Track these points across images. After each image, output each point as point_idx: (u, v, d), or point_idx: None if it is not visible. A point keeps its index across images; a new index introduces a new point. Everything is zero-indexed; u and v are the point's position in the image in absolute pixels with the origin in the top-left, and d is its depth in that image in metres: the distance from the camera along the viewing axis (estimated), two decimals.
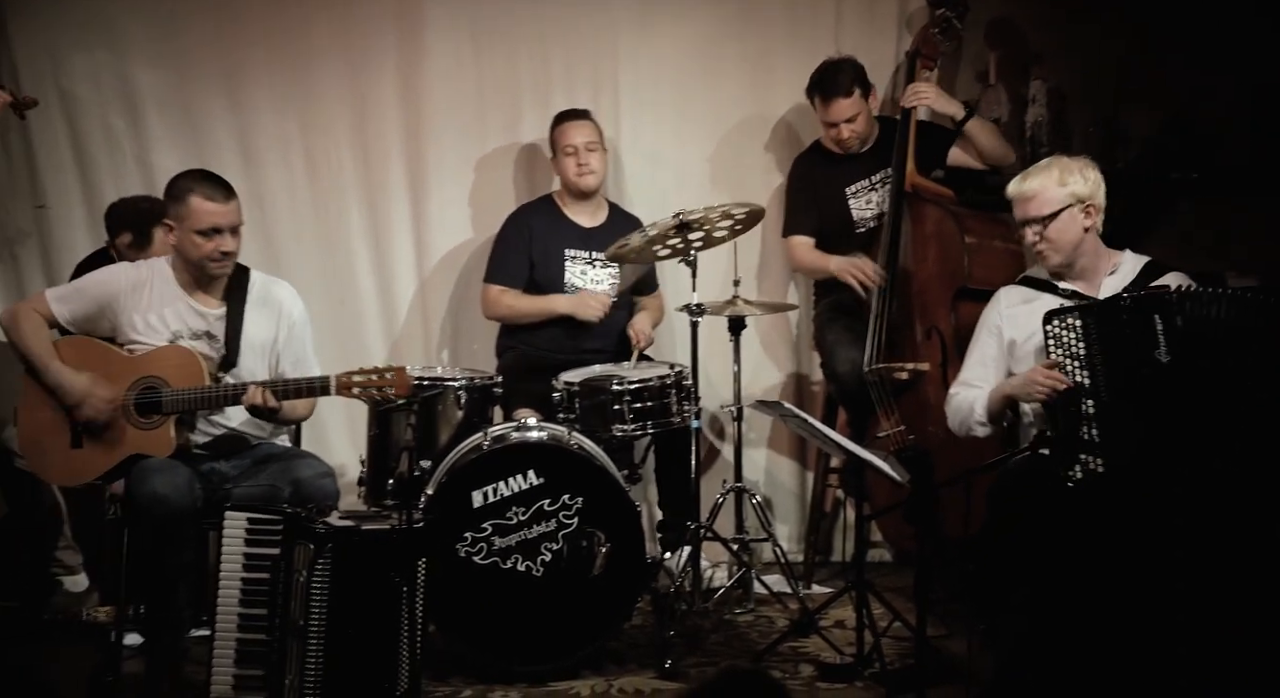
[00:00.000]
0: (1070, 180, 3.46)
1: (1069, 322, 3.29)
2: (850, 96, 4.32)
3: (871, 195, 4.45)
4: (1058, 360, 3.29)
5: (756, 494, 4.32)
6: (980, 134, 4.40)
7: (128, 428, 3.53)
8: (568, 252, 4.43)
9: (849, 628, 3.78)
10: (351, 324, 4.69)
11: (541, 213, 4.48)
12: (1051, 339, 3.31)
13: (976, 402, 3.55)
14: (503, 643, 3.60)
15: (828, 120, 4.38)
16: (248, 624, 3.15)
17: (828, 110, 4.35)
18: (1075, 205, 3.45)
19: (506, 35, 4.66)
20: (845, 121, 4.35)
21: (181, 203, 3.56)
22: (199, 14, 4.55)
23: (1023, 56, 4.71)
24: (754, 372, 4.71)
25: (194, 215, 3.54)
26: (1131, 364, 3.24)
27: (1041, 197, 3.46)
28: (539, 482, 3.62)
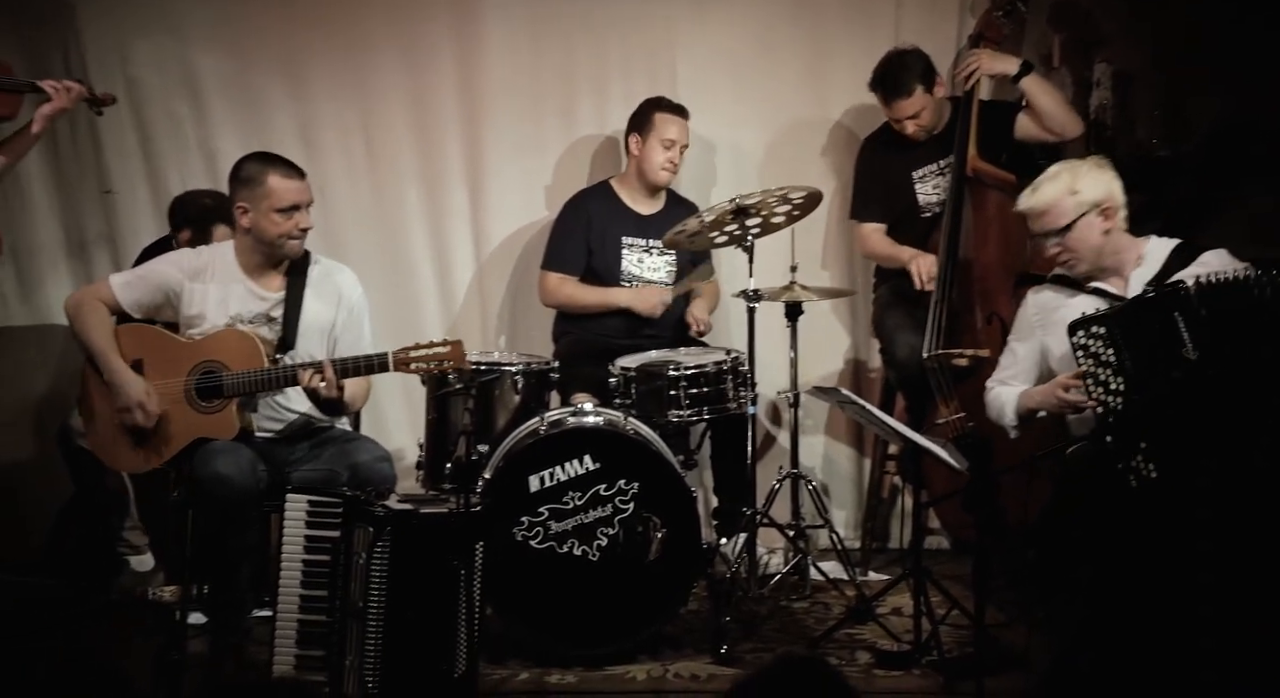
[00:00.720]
0: (1081, 187, 3.39)
1: (1093, 330, 3.24)
2: (911, 96, 4.27)
3: (939, 181, 4.40)
4: (1077, 376, 3.25)
5: (813, 481, 4.30)
6: (1038, 93, 4.28)
7: (190, 413, 3.58)
8: (625, 239, 4.43)
9: (906, 615, 3.75)
10: (409, 310, 4.73)
11: (599, 199, 4.48)
12: (1079, 350, 3.26)
13: (1007, 404, 3.54)
14: (559, 627, 3.62)
15: (890, 117, 4.34)
16: (309, 606, 3.19)
17: (890, 109, 4.32)
18: (1091, 212, 3.39)
19: (563, 24, 4.66)
20: (908, 118, 4.30)
21: (258, 184, 3.59)
22: (261, 3, 4.60)
23: (1087, 39, 4.63)
24: (811, 358, 4.67)
25: (274, 194, 3.58)
26: (1161, 366, 3.17)
27: (1055, 209, 3.40)
28: (595, 467, 3.63)
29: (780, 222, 3.97)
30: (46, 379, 4.67)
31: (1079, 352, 3.26)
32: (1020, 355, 3.59)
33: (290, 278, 3.70)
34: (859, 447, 4.82)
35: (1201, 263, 3.38)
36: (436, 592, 3.13)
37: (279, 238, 3.61)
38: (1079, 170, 3.43)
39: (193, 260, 3.71)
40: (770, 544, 4.35)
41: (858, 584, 4.01)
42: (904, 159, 4.44)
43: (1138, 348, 3.20)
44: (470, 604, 3.15)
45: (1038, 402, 3.45)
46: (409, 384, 4.24)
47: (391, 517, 3.13)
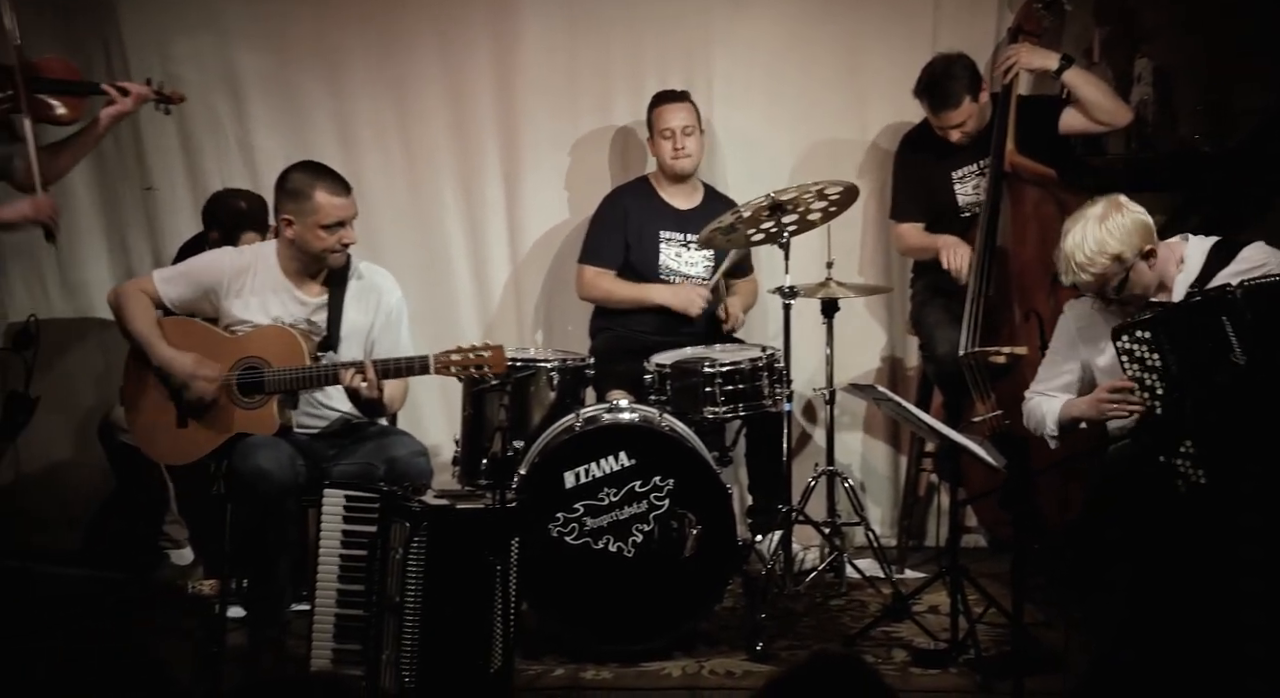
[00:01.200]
0: (1119, 248, 3.30)
1: (1138, 335, 3.20)
2: (959, 107, 4.22)
3: (979, 181, 4.35)
4: (1123, 383, 3.21)
5: (849, 478, 4.28)
6: (1082, 85, 4.22)
7: (232, 408, 3.61)
8: (663, 234, 4.43)
9: (943, 614, 3.73)
10: (446, 306, 4.74)
11: (637, 194, 4.48)
12: (1124, 355, 3.22)
13: (1048, 415, 3.51)
14: (594, 623, 3.63)
15: (937, 126, 4.30)
16: (346, 600, 3.21)
17: (937, 119, 4.28)
18: (1135, 263, 3.33)
19: (600, 21, 4.66)
20: (954, 127, 4.27)
21: (305, 198, 3.60)
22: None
23: (1129, 34, 4.58)
24: (847, 355, 4.65)
25: (320, 210, 3.60)
26: (1207, 370, 3.13)
27: (1105, 277, 3.33)
28: (630, 463, 3.64)
29: (817, 218, 3.96)
30: (88, 373, 4.72)
31: (1123, 356, 3.22)
32: (1061, 367, 3.55)
33: (331, 283, 3.72)
34: (895, 444, 4.79)
35: (1242, 259, 3.33)
36: (472, 587, 3.14)
37: (322, 252, 3.64)
38: (1104, 238, 3.30)
39: (235, 260, 3.73)
40: (806, 542, 4.34)
41: (894, 582, 3.99)
42: (943, 159, 4.40)
43: (1183, 352, 3.15)
44: (506, 600, 3.16)
45: (1081, 411, 3.42)
46: (446, 381, 4.24)
47: (428, 512, 3.15)
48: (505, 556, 3.18)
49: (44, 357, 3.94)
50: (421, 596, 3.11)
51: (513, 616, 3.20)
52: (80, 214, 4.62)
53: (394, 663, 3.12)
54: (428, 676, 3.11)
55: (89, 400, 4.69)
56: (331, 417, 3.73)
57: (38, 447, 4.66)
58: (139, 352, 3.66)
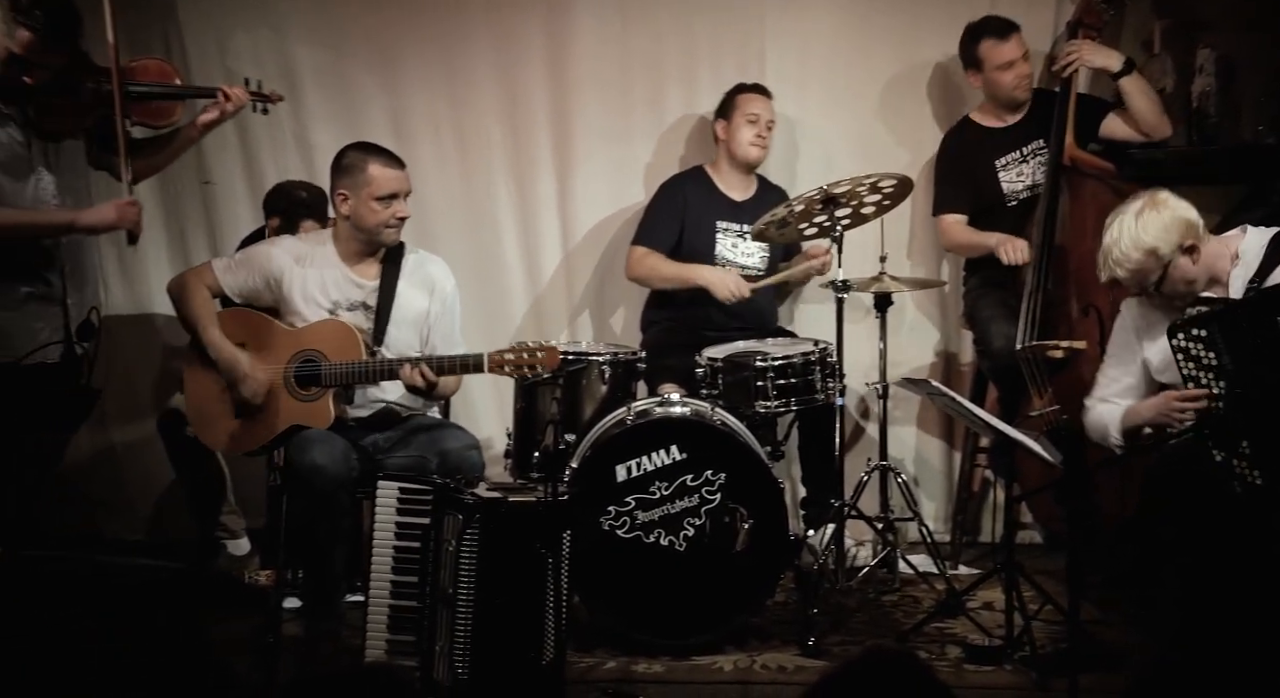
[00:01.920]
0: (1155, 242, 3.27)
1: (1194, 333, 3.14)
2: (1019, 34, 4.26)
3: (1022, 168, 4.34)
4: (1195, 392, 3.16)
5: (902, 473, 4.26)
6: (1137, 93, 4.22)
7: (288, 400, 3.65)
8: (719, 223, 4.43)
9: (997, 610, 3.70)
10: (497, 298, 4.77)
11: (694, 183, 4.48)
12: (1180, 353, 3.17)
13: (1111, 424, 3.46)
14: (646, 616, 3.63)
15: (1003, 61, 4.27)
16: (400, 591, 3.23)
17: (1004, 47, 4.26)
18: (1174, 258, 3.29)
19: (652, 12, 4.65)
20: (1021, 58, 4.26)
21: (360, 171, 3.66)
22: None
23: (1190, 24, 4.50)
24: (900, 349, 4.64)
25: (374, 182, 3.64)
26: (1264, 369, 3.06)
27: (1140, 273, 3.31)
28: (682, 457, 3.64)
29: (870, 212, 3.93)
30: (149, 365, 4.79)
31: (1178, 354, 3.17)
32: (1121, 372, 3.50)
33: (385, 267, 3.76)
34: (949, 439, 4.76)
35: None
36: (524, 579, 3.15)
37: (377, 226, 3.68)
38: (1139, 235, 3.29)
39: (293, 247, 3.78)
40: (858, 537, 4.32)
41: (947, 578, 3.96)
42: (986, 148, 4.38)
43: (1241, 351, 3.10)
44: (558, 592, 3.17)
45: (1146, 418, 3.36)
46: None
47: (480, 505, 3.16)
48: (557, 548, 3.19)
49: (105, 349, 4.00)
50: (474, 588, 3.13)
51: (565, 608, 3.20)
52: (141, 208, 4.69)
53: (447, 654, 3.14)
54: (481, 667, 3.12)
55: (149, 392, 4.76)
56: (379, 406, 3.76)
57: (99, 438, 4.75)
58: (198, 341, 3.71)
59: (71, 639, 2.90)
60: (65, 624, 2.94)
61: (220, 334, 3.67)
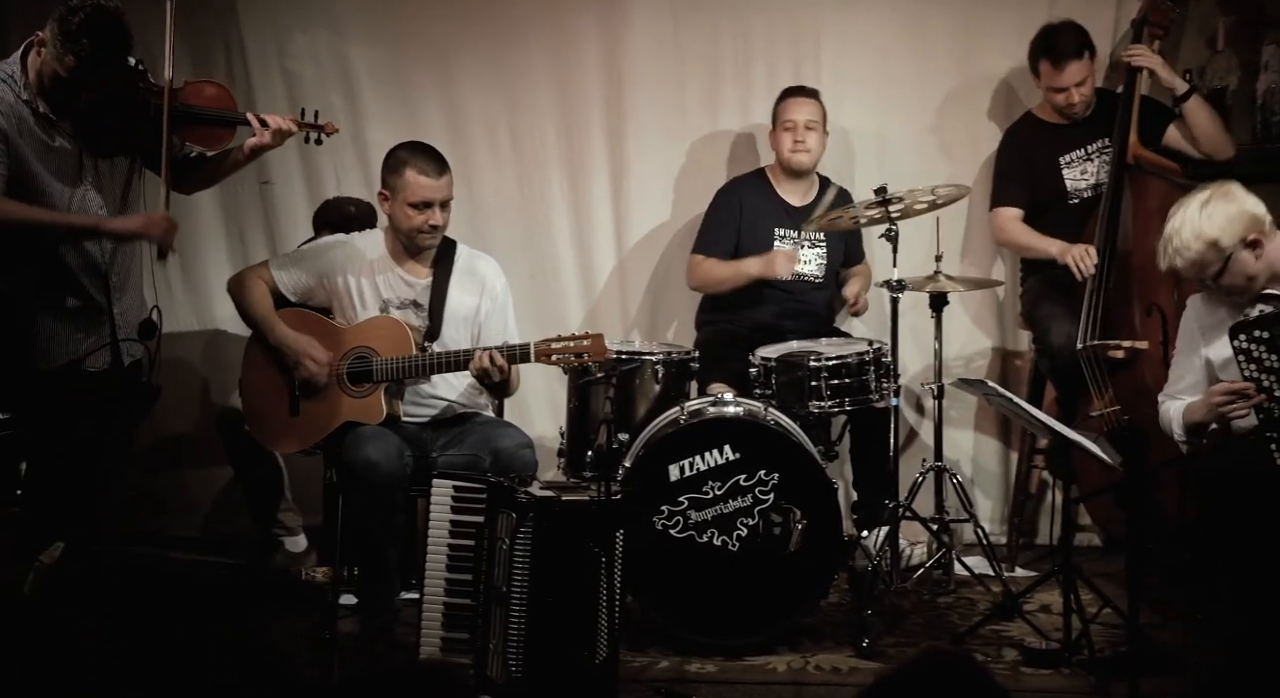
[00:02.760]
0: (1217, 234, 3.22)
1: (1256, 334, 3.10)
2: (1080, 58, 4.17)
3: (1086, 165, 4.29)
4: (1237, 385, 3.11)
5: (957, 474, 4.22)
6: (1200, 116, 4.19)
7: (341, 396, 3.69)
8: (777, 230, 4.41)
9: (1055, 613, 3.66)
10: (551, 298, 4.78)
11: (752, 187, 4.46)
12: (1241, 355, 3.12)
13: (1174, 420, 3.43)
14: (699, 616, 3.62)
15: (1057, 85, 4.22)
16: (454, 589, 3.25)
17: (1059, 75, 4.19)
18: (1236, 252, 3.24)
19: (708, 13, 4.64)
20: (1076, 86, 4.19)
21: (397, 175, 3.69)
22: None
23: (1255, 21, 4.43)
24: (956, 349, 4.61)
25: (407, 188, 3.67)
26: None
27: (1200, 263, 3.27)
28: (735, 457, 3.63)
29: (923, 208, 3.91)
30: (208, 365, 4.85)
31: (1240, 356, 3.13)
32: (1184, 368, 3.47)
33: (436, 265, 3.79)
34: (1005, 440, 4.71)
35: None
36: (577, 578, 3.16)
37: (410, 230, 3.71)
38: (1209, 216, 3.25)
39: (346, 245, 3.82)
40: (913, 538, 4.29)
41: (1004, 580, 3.92)
42: (1050, 145, 4.33)
43: None
44: (611, 592, 3.18)
45: (1200, 415, 3.32)
46: (551, 372, 4.29)
47: (534, 503, 3.17)
48: (610, 548, 3.19)
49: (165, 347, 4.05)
50: (528, 586, 3.14)
51: (618, 607, 3.21)
52: (200, 209, 4.75)
53: (501, 652, 3.15)
54: (534, 665, 3.13)
55: (208, 391, 4.83)
56: (439, 406, 3.79)
57: (161, 435, 4.81)
58: (257, 337, 3.75)
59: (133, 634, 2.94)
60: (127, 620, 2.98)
61: (283, 325, 3.71)
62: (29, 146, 3.44)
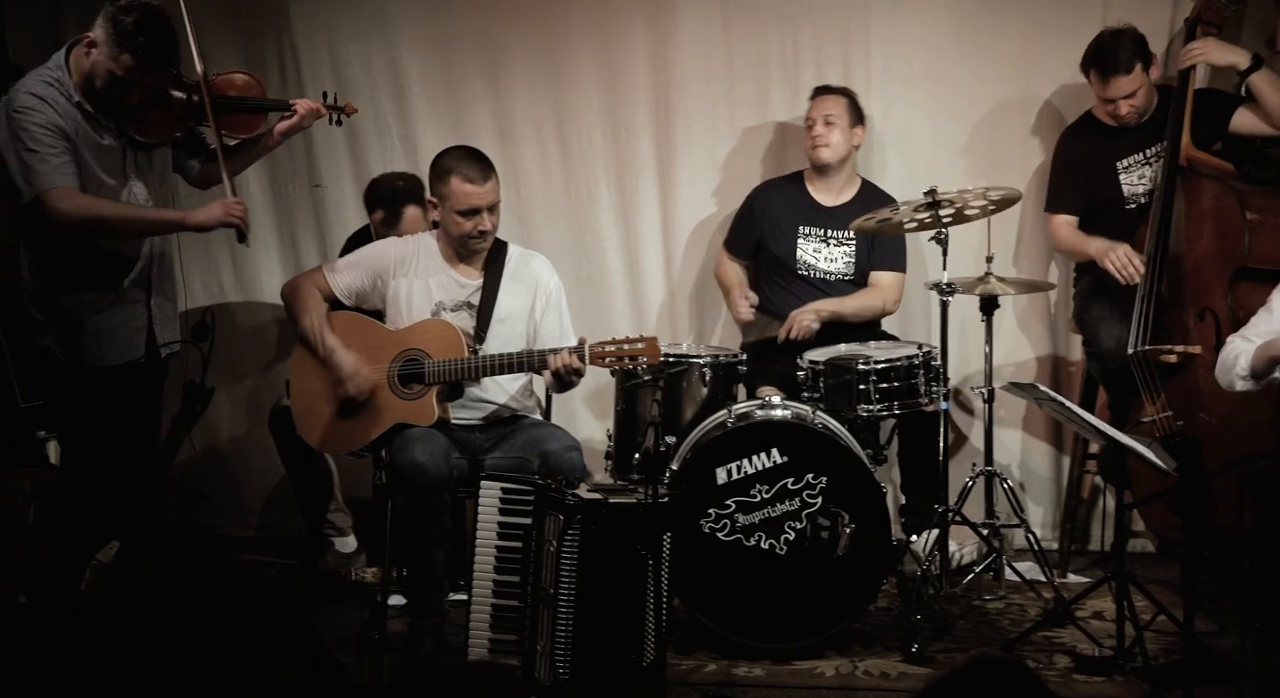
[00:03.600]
0: None
1: None
2: (1130, 73, 4.10)
3: (1145, 170, 4.23)
4: None
5: (1008, 479, 4.18)
6: (1268, 90, 4.06)
7: (392, 398, 3.71)
8: (801, 228, 4.40)
9: (1108, 620, 3.62)
10: (599, 300, 4.79)
11: (782, 189, 4.46)
12: None
13: (1243, 354, 3.37)
14: (746, 620, 3.61)
15: (1105, 97, 4.17)
16: (502, 590, 3.27)
17: (1106, 87, 4.14)
18: None
19: (756, 13, 4.63)
20: (1124, 98, 4.13)
21: (444, 183, 3.71)
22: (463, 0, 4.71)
23: None
24: (1006, 353, 4.56)
25: (454, 196, 3.69)
26: None
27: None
28: (783, 460, 3.61)
29: (974, 213, 3.87)
30: (260, 365, 4.90)
31: None
32: (1272, 318, 3.39)
33: (488, 266, 3.80)
34: (1057, 445, 4.66)
35: None
36: (625, 581, 3.16)
37: (460, 237, 3.73)
38: None
39: (399, 248, 3.84)
40: (962, 543, 4.25)
41: (1056, 586, 3.88)
42: (1108, 148, 4.26)
43: None
44: (658, 594, 3.18)
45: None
46: (599, 375, 4.29)
47: (581, 506, 3.18)
48: (657, 550, 3.19)
49: (218, 348, 4.11)
50: (575, 588, 3.14)
51: (665, 610, 3.21)
52: (253, 211, 4.76)
53: (549, 654, 3.16)
54: (582, 668, 3.14)
55: (260, 391, 4.87)
56: (489, 408, 3.81)
57: (213, 435, 4.87)
58: (310, 344, 3.77)
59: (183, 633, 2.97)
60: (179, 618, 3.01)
61: (333, 339, 3.73)
62: (84, 145, 3.53)
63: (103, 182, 3.56)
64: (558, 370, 3.57)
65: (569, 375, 3.60)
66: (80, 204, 3.49)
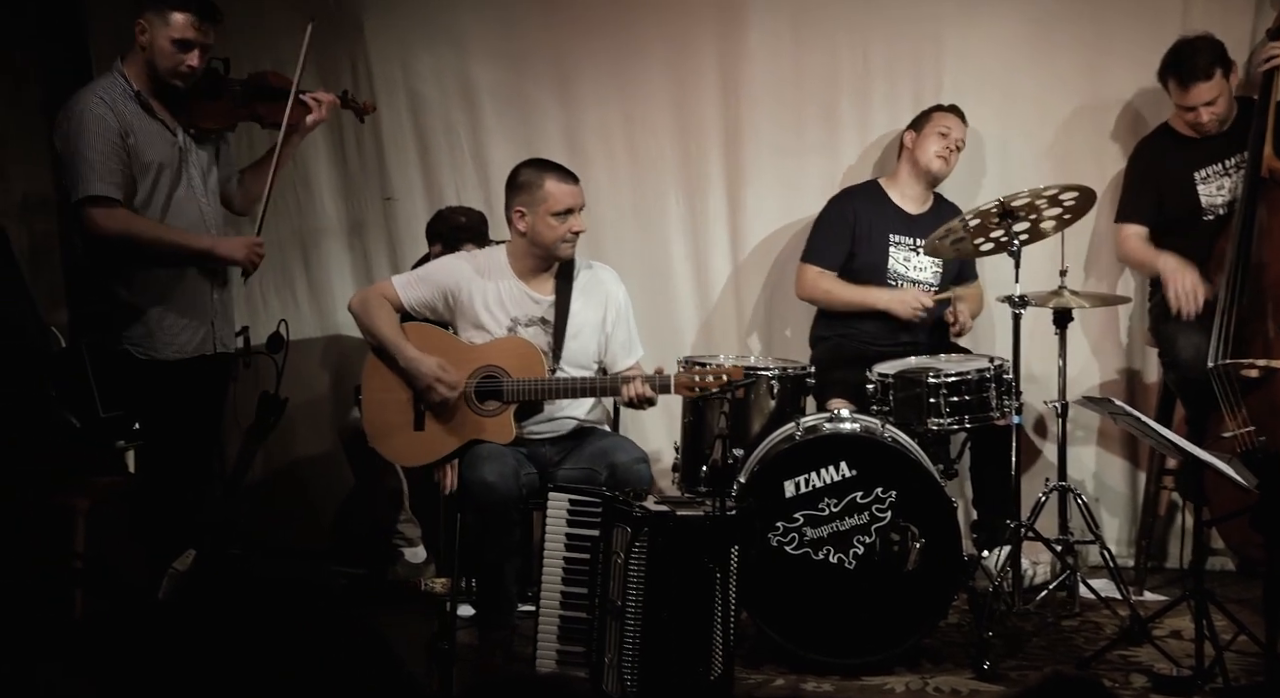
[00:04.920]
0: None
1: None
2: (1210, 79, 4.04)
3: (1224, 181, 4.15)
4: None
5: (1082, 494, 4.11)
6: None
7: (469, 414, 3.73)
8: (892, 237, 4.36)
9: (1186, 639, 3.54)
10: (667, 312, 4.78)
11: (866, 197, 4.42)
12: None
13: None
14: (815, 634, 3.59)
15: (1185, 105, 4.10)
16: (570, 602, 3.28)
17: (1185, 95, 4.08)
18: None
19: (826, 25, 4.61)
20: (1205, 105, 4.06)
21: (536, 188, 3.73)
22: (534, 13, 4.74)
23: None
24: (1081, 366, 4.49)
25: (551, 197, 3.72)
26: None
27: None
28: (851, 474, 3.59)
29: (1049, 227, 3.82)
30: (332, 376, 4.95)
31: None
32: None
33: (559, 281, 3.82)
34: (1133, 460, 4.58)
35: None
36: (692, 594, 3.15)
37: (554, 241, 3.74)
38: None
39: (470, 263, 3.87)
40: (1035, 559, 4.20)
41: (1132, 604, 3.81)
42: (1185, 159, 4.19)
43: None
44: (726, 608, 3.16)
45: None
46: None
47: (648, 518, 3.18)
48: (725, 563, 3.18)
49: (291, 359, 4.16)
50: (643, 600, 3.14)
51: (733, 624, 3.19)
52: (325, 223, 4.87)
53: (616, 667, 3.16)
54: (649, 680, 3.13)
55: (332, 402, 4.93)
56: (558, 423, 3.82)
57: (286, 446, 4.93)
58: (382, 353, 3.80)
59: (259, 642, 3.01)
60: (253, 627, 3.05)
61: (410, 347, 3.74)
62: (140, 138, 3.63)
63: (160, 168, 3.66)
64: (630, 401, 3.60)
65: (641, 404, 3.61)
66: (118, 221, 3.60)
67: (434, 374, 3.70)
